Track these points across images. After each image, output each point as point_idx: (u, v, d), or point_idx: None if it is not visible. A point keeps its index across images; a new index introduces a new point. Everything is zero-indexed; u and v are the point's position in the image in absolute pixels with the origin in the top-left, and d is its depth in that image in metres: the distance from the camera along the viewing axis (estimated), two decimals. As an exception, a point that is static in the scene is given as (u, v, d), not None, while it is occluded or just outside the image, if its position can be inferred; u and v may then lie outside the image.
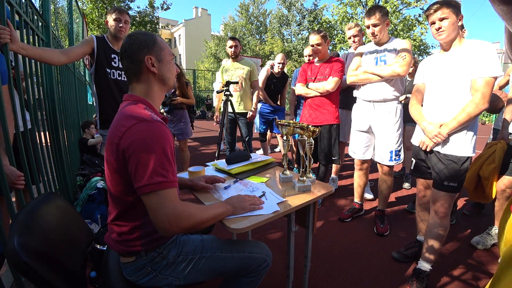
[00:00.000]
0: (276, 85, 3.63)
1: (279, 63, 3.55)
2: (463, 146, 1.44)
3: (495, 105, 2.12)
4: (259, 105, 3.74)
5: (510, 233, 0.62)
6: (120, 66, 2.02)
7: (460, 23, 1.43)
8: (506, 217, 0.65)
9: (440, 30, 1.43)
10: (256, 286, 1.05)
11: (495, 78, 1.35)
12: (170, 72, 0.95)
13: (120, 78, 2.03)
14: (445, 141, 1.47)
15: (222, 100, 2.84)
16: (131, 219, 0.87)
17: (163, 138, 0.79)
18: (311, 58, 3.03)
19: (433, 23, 1.46)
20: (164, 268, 0.91)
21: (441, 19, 1.42)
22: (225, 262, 0.97)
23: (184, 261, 0.93)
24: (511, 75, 2.09)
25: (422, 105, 1.65)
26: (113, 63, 2.00)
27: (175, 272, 0.92)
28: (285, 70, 3.78)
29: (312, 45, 2.32)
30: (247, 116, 3.06)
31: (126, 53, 0.89)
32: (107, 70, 1.97)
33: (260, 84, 3.63)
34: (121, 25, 1.97)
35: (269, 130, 3.94)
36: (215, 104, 4.16)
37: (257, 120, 3.80)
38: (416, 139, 1.65)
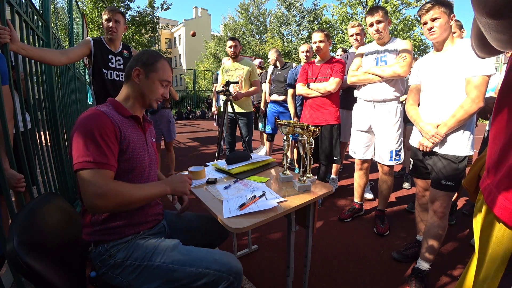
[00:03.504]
0: (282, 76, 3.55)
1: (273, 59, 3.57)
2: (460, 146, 1.45)
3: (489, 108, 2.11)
4: (269, 105, 3.74)
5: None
6: (117, 66, 2.02)
7: (451, 23, 1.44)
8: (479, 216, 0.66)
9: (431, 30, 1.45)
10: None
11: (489, 76, 1.36)
12: (151, 91, 1.03)
13: (118, 79, 2.02)
14: (442, 141, 1.48)
15: (222, 100, 2.83)
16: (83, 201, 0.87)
17: (96, 123, 0.86)
18: (308, 54, 3.01)
19: (425, 23, 1.47)
20: (112, 268, 0.90)
21: (433, 19, 1.43)
22: (174, 274, 0.88)
23: (131, 266, 0.89)
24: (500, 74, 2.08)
25: (418, 105, 1.65)
26: (110, 63, 1.99)
27: (124, 274, 0.89)
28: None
29: (315, 42, 2.32)
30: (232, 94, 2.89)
31: (132, 57, 1.00)
32: (104, 71, 1.96)
33: (267, 81, 3.63)
34: (111, 24, 1.93)
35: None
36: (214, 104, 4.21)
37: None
38: (414, 140, 1.65)
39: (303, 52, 3.01)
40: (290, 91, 3.09)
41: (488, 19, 0.47)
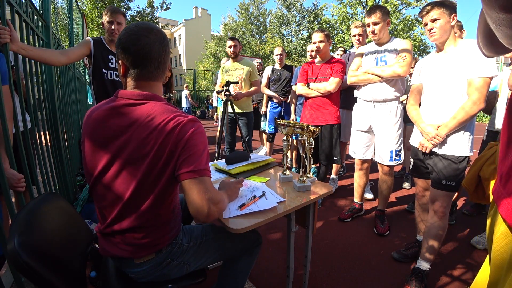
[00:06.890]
0: (283, 76, 3.56)
1: (277, 55, 3.57)
2: (460, 146, 1.45)
3: (492, 104, 2.11)
4: (269, 105, 3.74)
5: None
6: (117, 67, 2.01)
7: (453, 23, 1.44)
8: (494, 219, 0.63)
9: (431, 31, 1.45)
10: (252, 264, 1.17)
11: (491, 78, 1.35)
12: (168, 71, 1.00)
13: (117, 79, 2.01)
14: (443, 142, 1.48)
15: (222, 100, 2.83)
16: (162, 218, 0.90)
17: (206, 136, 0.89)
18: (313, 53, 3.01)
19: (426, 24, 1.48)
20: (180, 256, 0.97)
21: (433, 21, 1.43)
22: (225, 241, 1.07)
23: (194, 246, 1.01)
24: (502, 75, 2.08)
25: (419, 105, 1.65)
26: (110, 64, 1.98)
27: (187, 256, 0.99)
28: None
29: (314, 42, 2.33)
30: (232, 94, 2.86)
31: (156, 54, 0.86)
32: (104, 71, 1.96)
33: (264, 83, 3.62)
34: (113, 27, 1.93)
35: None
36: (215, 104, 4.19)
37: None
38: (415, 140, 1.65)
39: (309, 51, 3.09)
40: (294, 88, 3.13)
41: (501, 14, 0.42)
